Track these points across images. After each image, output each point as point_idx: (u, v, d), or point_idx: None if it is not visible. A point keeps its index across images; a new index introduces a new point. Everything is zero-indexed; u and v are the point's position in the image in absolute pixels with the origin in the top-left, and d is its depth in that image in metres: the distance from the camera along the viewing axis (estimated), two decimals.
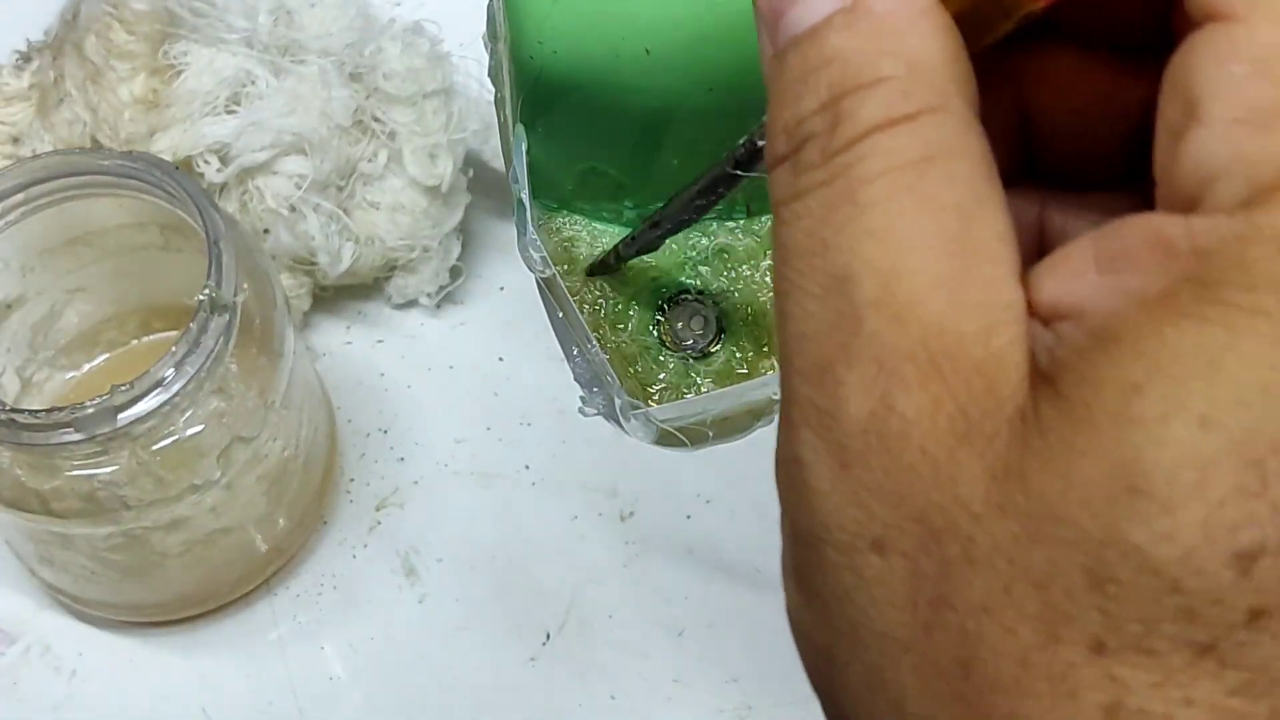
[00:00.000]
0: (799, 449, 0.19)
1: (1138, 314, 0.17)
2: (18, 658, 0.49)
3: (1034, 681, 0.17)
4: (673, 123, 0.39)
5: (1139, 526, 0.16)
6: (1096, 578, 0.16)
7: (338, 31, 0.49)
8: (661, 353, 0.42)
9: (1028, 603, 0.17)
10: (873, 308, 0.18)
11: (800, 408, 0.19)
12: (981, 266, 0.18)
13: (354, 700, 0.49)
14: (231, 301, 0.41)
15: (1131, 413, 0.16)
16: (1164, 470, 0.16)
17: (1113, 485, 0.16)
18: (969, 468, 0.18)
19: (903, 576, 0.18)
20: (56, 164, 0.43)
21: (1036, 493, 0.17)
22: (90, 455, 0.41)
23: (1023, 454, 0.17)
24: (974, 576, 0.17)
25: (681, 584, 0.50)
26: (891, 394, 0.18)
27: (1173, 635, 0.16)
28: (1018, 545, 0.17)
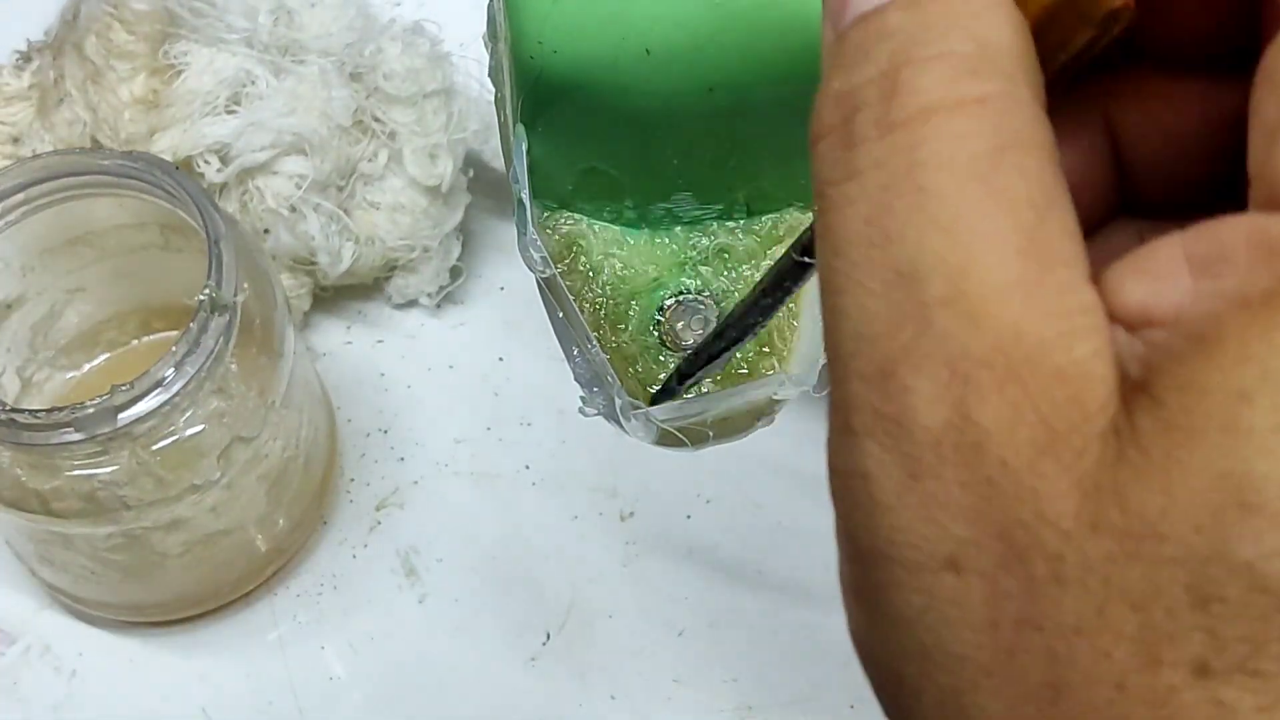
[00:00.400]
0: (862, 460, 0.18)
1: (1242, 316, 0.16)
2: (18, 658, 0.49)
3: (1132, 706, 0.16)
4: (673, 123, 0.39)
5: (1248, 542, 0.15)
6: (1201, 596, 0.16)
7: (338, 31, 0.49)
8: (661, 353, 0.42)
9: (1124, 624, 0.16)
10: (943, 307, 0.17)
11: (861, 415, 0.18)
12: (1056, 268, 0.17)
13: (354, 700, 0.49)
14: (232, 301, 0.41)
15: (1240, 423, 0.16)
16: (1275, 483, 0.15)
17: (1220, 499, 0.16)
18: (1055, 482, 0.17)
19: (981, 596, 0.17)
20: (57, 164, 0.43)
21: (1135, 508, 0.16)
22: (90, 455, 0.41)
23: (1116, 468, 0.16)
24: (1064, 597, 0.16)
25: (681, 584, 0.50)
26: (967, 402, 0.17)
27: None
28: (1113, 564, 0.16)
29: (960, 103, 0.18)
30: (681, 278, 0.42)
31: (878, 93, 0.18)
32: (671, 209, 0.42)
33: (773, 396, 0.40)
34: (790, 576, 0.50)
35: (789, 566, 0.50)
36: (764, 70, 0.37)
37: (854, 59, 0.19)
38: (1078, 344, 0.17)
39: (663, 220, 0.42)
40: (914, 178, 0.18)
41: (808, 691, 0.48)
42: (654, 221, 0.42)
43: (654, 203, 0.41)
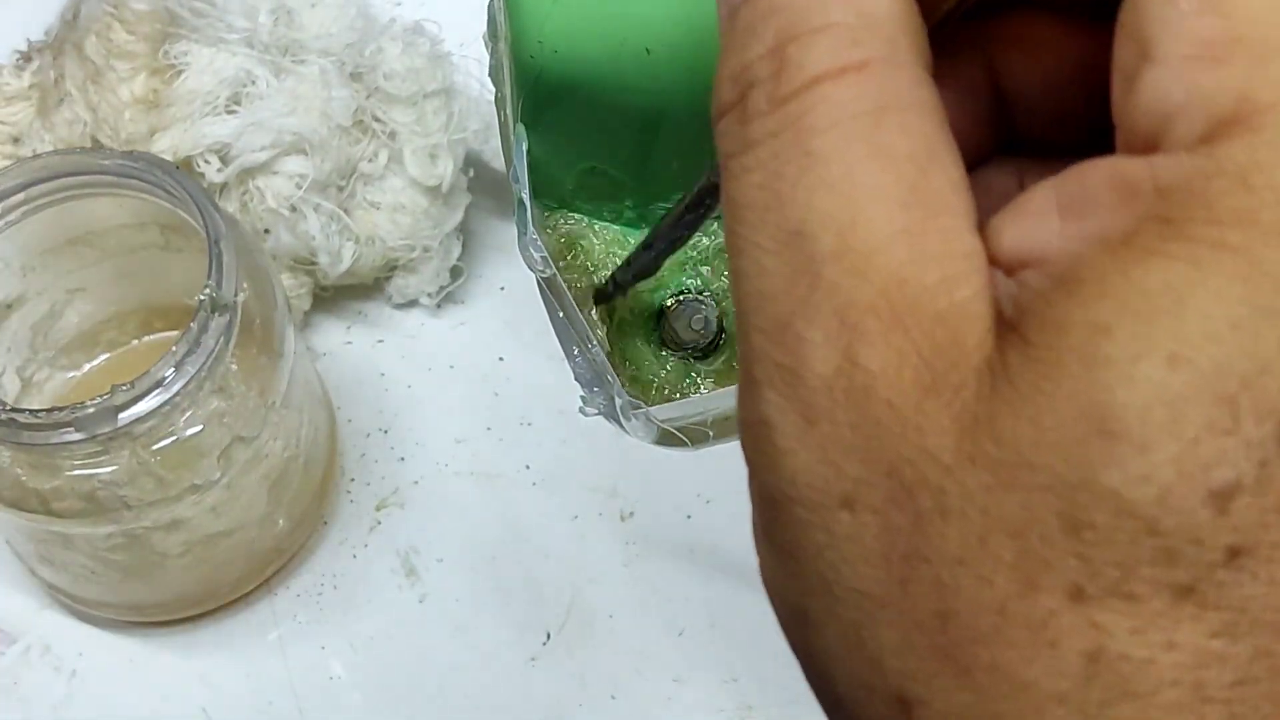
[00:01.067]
0: (764, 408, 0.19)
1: (1102, 255, 0.17)
2: (18, 657, 0.49)
3: (1014, 631, 0.17)
4: (673, 122, 0.39)
5: (1113, 469, 0.16)
6: (1072, 523, 0.16)
7: (338, 31, 0.49)
8: (662, 352, 0.42)
9: (1003, 552, 0.17)
10: (831, 261, 0.18)
11: (763, 366, 0.19)
12: (939, 217, 0.18)
13: (354, 700, 0.49)
14: (232, 301, 0.41)
15: (1100, 354, 0.16)
16: (1135, 410, 0.16)
17: (1084, 428, 0.16)
18: (937, 419, 0.17)
19: (875, 532, 0.18)
20: (57, 164, 0.43)
21: (1007, 440, 0.17)
22: (90, 455, 0.41)
23: (991, 403, 0.17)
24: (947, 528, 0.17)
25: (682, 584, 0.50)
26: (854, 348, 0.18)
27: (1152, 578, 0.16)
28: (990, 494, 0.17)
29: (843, 70, 0.18)
30: (682, 277, 0.42)
31: (768, 69, 0.19)
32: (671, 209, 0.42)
33: None
34: None
35: None
36: None
37: (745, 38, 0.19)
38: (957, 288, 0.18)
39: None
40: (802, 143, 0.18)
41: (808, 691, 0.48)
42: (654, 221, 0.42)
43: (654, 203, 0.41)
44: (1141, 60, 0.17)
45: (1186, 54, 0.17)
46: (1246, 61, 0.17)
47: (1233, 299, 0.16)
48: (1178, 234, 0.16)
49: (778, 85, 0.19)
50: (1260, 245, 0.16)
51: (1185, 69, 0.17)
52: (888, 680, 0.18)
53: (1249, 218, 0.16)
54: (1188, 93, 0.17)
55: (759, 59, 0.19)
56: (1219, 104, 0.17)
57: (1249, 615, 0.16)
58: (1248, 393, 0.16)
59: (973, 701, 0.17)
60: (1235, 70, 0.17)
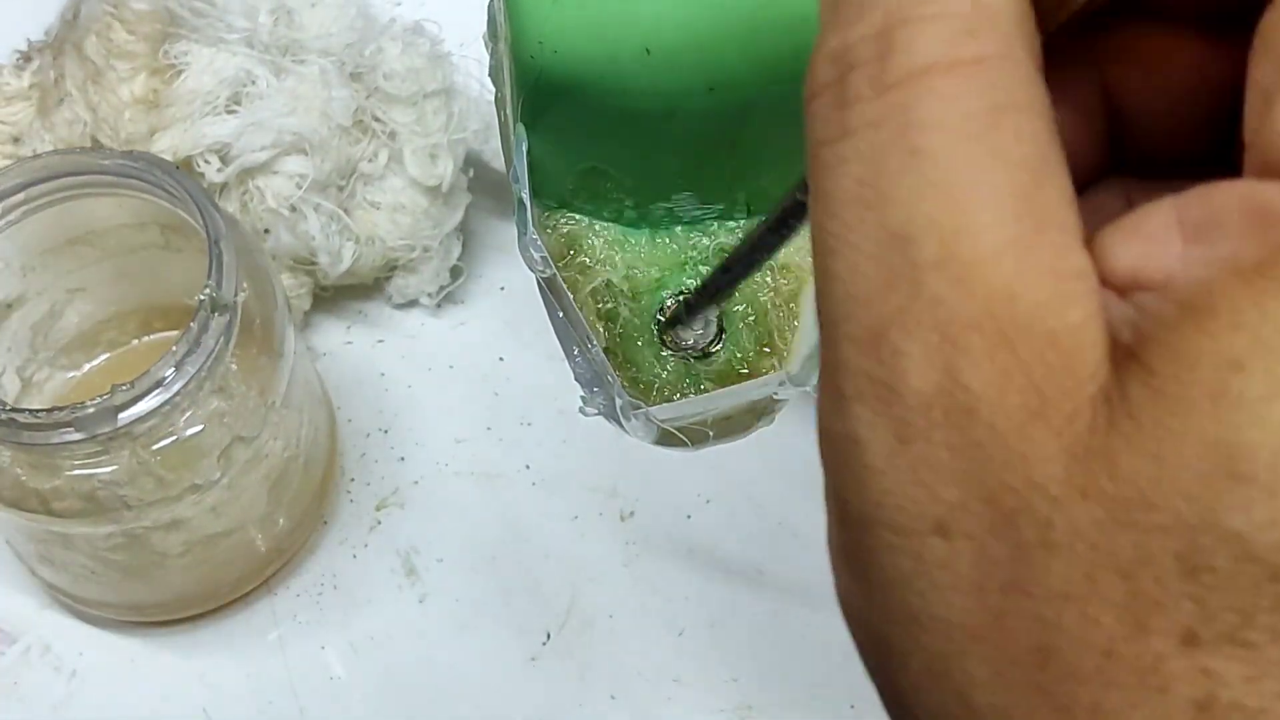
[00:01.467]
0: (852, 424, 0.18)
1: (1234, 285, 0.16)
2: (18, 657, 0.49)
3: (1120, 673, 0.16)
4: (674, 123, 0.39)
5: (1239, 512, 0.15)
6: (1190, 565, 0.16)
7: (338, 31, 0.49)
8: (661, 353, 0.42)
9: (1113, 591, 0.16)
10: (935, 269, 0.17)
11: (853, 378, 0.18)
12: (1051, 231, 0.17)
13: (354, 700, 0.49)
14: (232, 301, 0.41)
15: (1231, 391, 0.15)
16: (1267, 452, 0.15)
17: (1211, 468, 0.16)
18: (1044, 447, 0.16)
19: (970, 561, 0.17)
20: (57, 164, 0.43)
21: (1125, 476, 0.16)
22: (90, 455, 0.41)
23: (1107, 435, 0.16)
24: (1052, 562, 0.16)
25: (682, 584, 0.50)
26: (957, 366, 0.17)
27: (1270, 626, 0.15)
28: (1102, 530, 0.16)
29: (956, 63, 0.17)
30: (682, 277, 0.42)
31: (873, 51, 0.18)
32: (672, 209, 0.42)
33: (773, 396, 0.40)
34: (790, 576, 0.50)
35: (789, 566, 0.50)
36: (764, 70, 0.37)
37: (850, 17, 0.18)
38: (1070, 308, 0.17)
39: (663, 220, 0.42)
40: (908, 138, 0.17)
41: (808, 691, 0.48)
42: (654, 221, 0.42)
43: (654, 203, 0.41)
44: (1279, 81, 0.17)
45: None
46: None
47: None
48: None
49: (883, 70, 0.18)
50: None
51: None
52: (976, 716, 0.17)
53: None
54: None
55: (863, 40, 0.18)
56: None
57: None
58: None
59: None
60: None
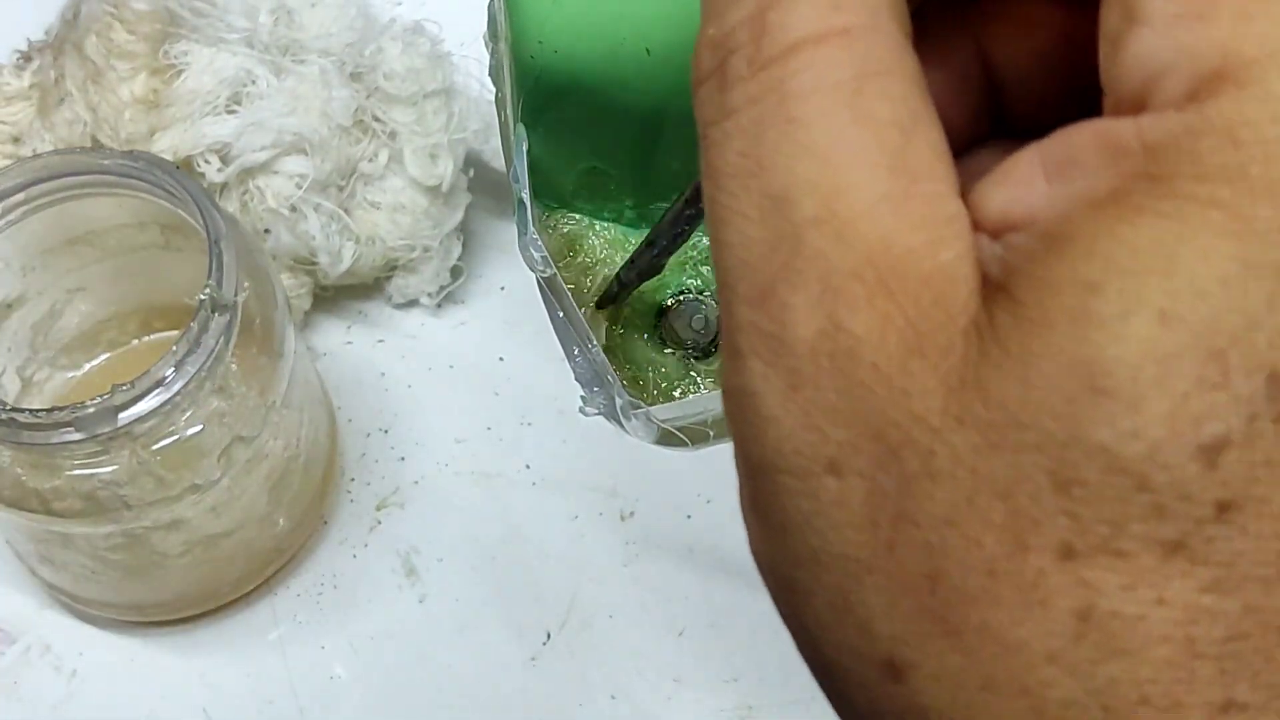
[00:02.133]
0: (747, 378, 0.19)
1: (1090, 214, 0.17)
2: (18, 657, 0.49)
3: (1003, 591, 0.17)
4: (673, 122, 0.39)
5: (1103, 425, 0.16)
6: (1062, 481, 0.16)
7: (338, 31, 0.49)
8: (662, 352, 0.42)
9: (992, 512, 0.17)
10: (814, 226, 0.18)
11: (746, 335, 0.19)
12: (923, 182, 0.18)
13: (354, 700, 0.49)
14: (232, 301, 0.41)
15: (1089, 311, 0.16)
16: (1126, 367, 0.16)
17: (1074, 385, 0.16)
18: (923, 381, 0.17)
19: (861, 496, 0.18)
20: (57, 163, 0.43)
21: (995, 400, 0.17)
22: (91, 455, 0.41)
23: (979, 363, 0.17)
24: (935, 490, 0.17)
25: (682, 584, 0.50)
26: (839, 313, 0.18)
27: (1142, 534, 0.16)
28: (979, 455, 0.17)
29: (825, 35, 0.18)
30: (682, 277, 0.42)
31: (748, 34, 0.19)
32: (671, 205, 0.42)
33: None
34: None
35: None
36: None
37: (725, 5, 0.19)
38: (941, 250, 0.18)
39: None
40: (783, 108, 0.18)
41: (808, 691, 0.48)
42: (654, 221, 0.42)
43: (654, 202, 0.41)
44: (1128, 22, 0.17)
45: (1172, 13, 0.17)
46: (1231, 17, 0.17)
47: (1221, 255, 0.16)
48: (1166, 191, 0.16)
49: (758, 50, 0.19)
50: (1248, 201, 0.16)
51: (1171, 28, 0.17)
52: (877, 645, 0.18)
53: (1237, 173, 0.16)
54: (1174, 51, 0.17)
55: (739, 24, 0.19)
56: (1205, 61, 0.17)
57: (1238, 570, 0.16)
58: (1237, 348, 0.16)
59: (963, 663, 0.17)
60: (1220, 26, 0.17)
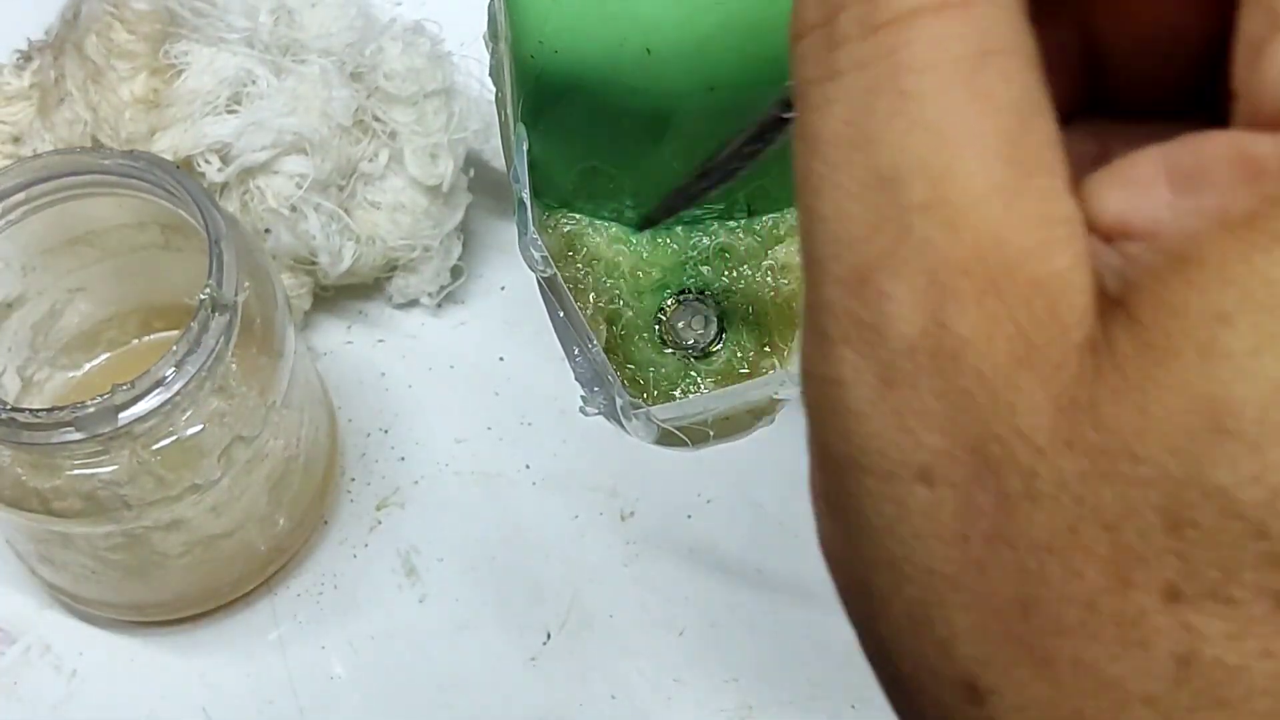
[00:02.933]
0: (837, 367, 0.18)
1: (1223, 236, 0.16)
2: (18, 657, 0.49)
3: (1102, 626, 0.16)
4: (674, 122, 0.39)
5: (1224, 467, 0.15)
6: (1174, 520, 0.15)
7: (338, 31, 0.49)
8: (662, 352, 0.42)
9: (1097, 544, 0.16)
10: (923, 212, 0.17)
11: (838, 320, 0.17)
12: (1039, 175, 0.17)
13: (354, 700, 0.49)
14: (232, 301, 0.41)
15: (1218, 344, 0.15)
16: (1253, 407, 0.15)
17: (1196, 422, 0.15)
18: (1031, 396, 0.16)
19: (953, 509, 0.17)
20: (57, 163, 0.43)
21: (1110, 427, 0.16)
22: (91, 454, 0.41)
23: (1094, 385, 0.16)
24: (1036, 513, 0.16)
25: (682, 583, 0.50)
26: (944, 310, 0.17)
27: (1254, 584, 0.15)
28: (1086, 483, 0.16)
29: (945, 5, 0.17)
30: (682, 277, 0.42)
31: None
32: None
33: (773, 396, 0.40)
34: (790, 576, 0.50)
35: (789, 566, 0.50)
36: (764, 70, 0.37)
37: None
38: (1057, 254, 0.17)
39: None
40: (896, 80, 0.17)
41: (808, 691, 0.48)
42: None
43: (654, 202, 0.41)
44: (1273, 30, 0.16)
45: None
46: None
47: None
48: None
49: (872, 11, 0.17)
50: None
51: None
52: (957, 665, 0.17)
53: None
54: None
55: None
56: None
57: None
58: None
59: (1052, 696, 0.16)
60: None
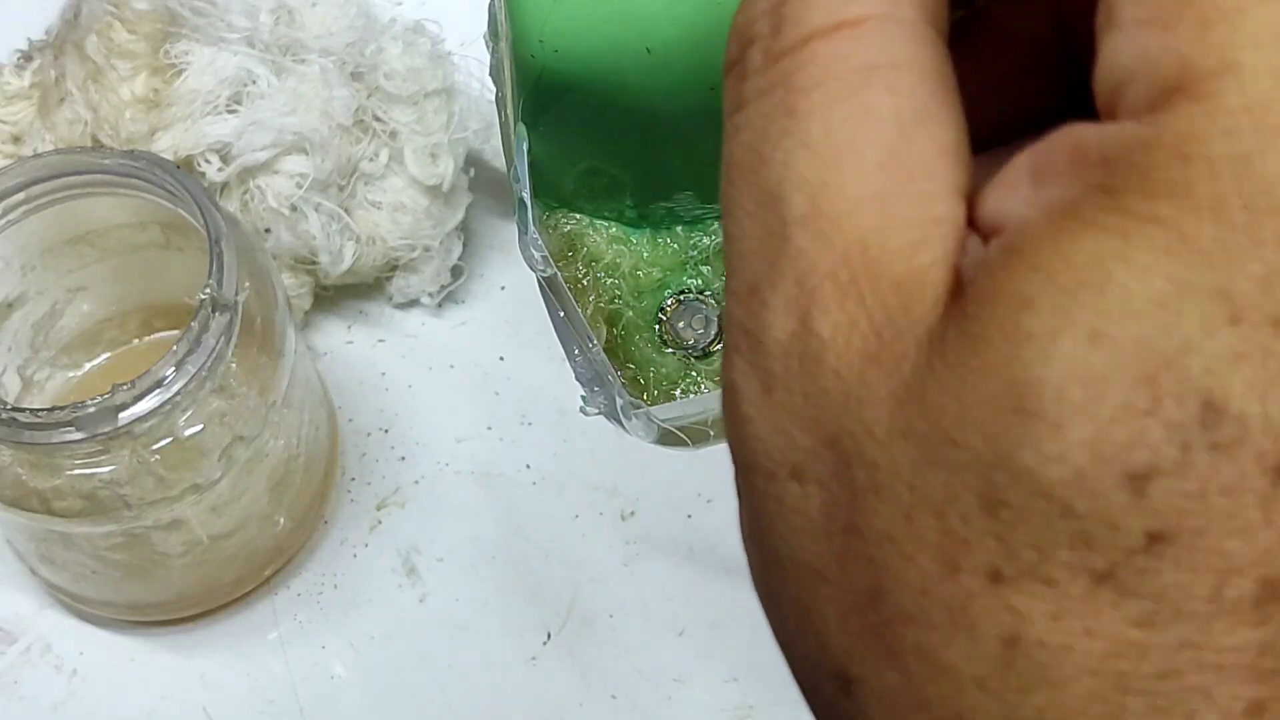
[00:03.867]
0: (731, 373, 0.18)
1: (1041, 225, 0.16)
2: (18, 657, 0.49)
3: (935, 612, 0.16)
4: (674, 122, 0.39)
5: (1028, 448, 0.15)
6: (990, 502, 0.16)
7: (339, 31, 0.49)
8: (663, 352, 0.42)
9: (927, 530, 0.16)
10: (800, 224, 0.18)
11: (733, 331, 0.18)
12: (917, 181, 0.17)
13: (354, 699, 0.49)
14: (233, 301, 0.41)
15: (1022, 328, 0.16)
16: (1052, 388, 0.15)
17: (1002, 404, 0.16)
18: (876, 390, 0.17)
19: (818, 504, 0.17)
20: (58, 163, 0.43)
21: (934, 415, 0.16)
22: (91, 454, 0.41)
23: (925, 376, 0.16)
24: (879, 504, 0.17)
25: (682, 583, 0.50)
26: (811, 314, 0.17)
27: (1069, 562, 0.15)
28: (917, 471, 0.16)
29: (837, 26, 0.18)
30: (683, 277, 0.42)
31: (768, 24, 0.19)
32: (673, 208, 0.42)
33: None
34: None
35: None
36: None
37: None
38: (920, 253, 0.17)
39: (664, 219, 0.42)
40: (787, 102, 0.18)
41: None
42: (655, 221, 0.42)
43: (655, 202, 0.41)
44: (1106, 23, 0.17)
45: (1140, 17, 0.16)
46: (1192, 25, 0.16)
47: (1158, 275, 0.15)
48: (1114, 205, 0.16)
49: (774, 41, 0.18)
50: (1191, 219, 0.15)
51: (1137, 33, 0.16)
52: (830, 657, 0.18)
53: (1182, 190, 0.15)
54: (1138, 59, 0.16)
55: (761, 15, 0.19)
56: (1165, 71, 0.16)
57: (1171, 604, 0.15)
58: (1169, 372, 0.15)
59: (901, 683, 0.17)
60: (1180, 35, 0.16)
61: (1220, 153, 0.15)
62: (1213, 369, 0.15)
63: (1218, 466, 0.15)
